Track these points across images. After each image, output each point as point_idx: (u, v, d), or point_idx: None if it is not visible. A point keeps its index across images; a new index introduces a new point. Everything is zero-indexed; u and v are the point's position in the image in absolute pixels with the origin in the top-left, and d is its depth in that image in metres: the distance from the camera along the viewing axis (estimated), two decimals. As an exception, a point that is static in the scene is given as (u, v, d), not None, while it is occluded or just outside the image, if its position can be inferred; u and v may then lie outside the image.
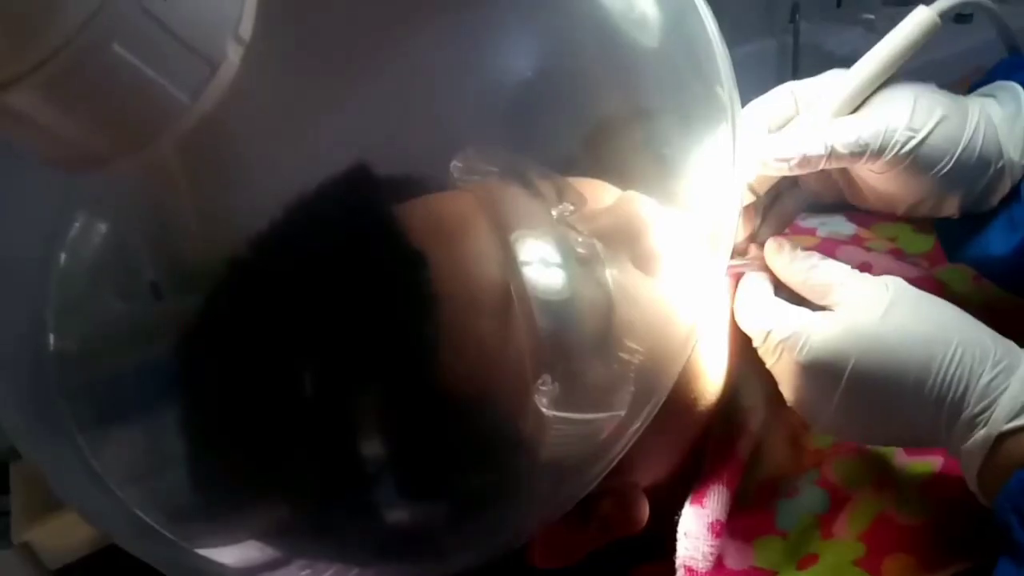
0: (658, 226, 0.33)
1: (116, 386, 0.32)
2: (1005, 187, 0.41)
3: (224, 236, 0.31)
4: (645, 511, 0.38)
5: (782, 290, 0.40)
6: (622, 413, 0.31)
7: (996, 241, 0.42)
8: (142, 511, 0.32)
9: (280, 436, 0.31)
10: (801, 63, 1.04)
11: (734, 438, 0.42)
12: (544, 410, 0.30)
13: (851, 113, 0.40)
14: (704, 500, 0.40)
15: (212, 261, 0.31)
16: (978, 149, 0.39)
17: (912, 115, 0.38)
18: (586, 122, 0.34)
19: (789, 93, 0.42)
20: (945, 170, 0.39)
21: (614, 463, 0.33)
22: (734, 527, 0.41)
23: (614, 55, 0.34)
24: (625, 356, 0.32)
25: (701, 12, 0.35)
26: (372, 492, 0.32)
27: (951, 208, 0.42)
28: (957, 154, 0.39)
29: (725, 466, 0.41)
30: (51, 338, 0.32)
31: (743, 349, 0.40)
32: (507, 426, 0.31)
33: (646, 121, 0.35)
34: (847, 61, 0.41)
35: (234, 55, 0.21)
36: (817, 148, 0.39)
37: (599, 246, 0.32)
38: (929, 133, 0.38)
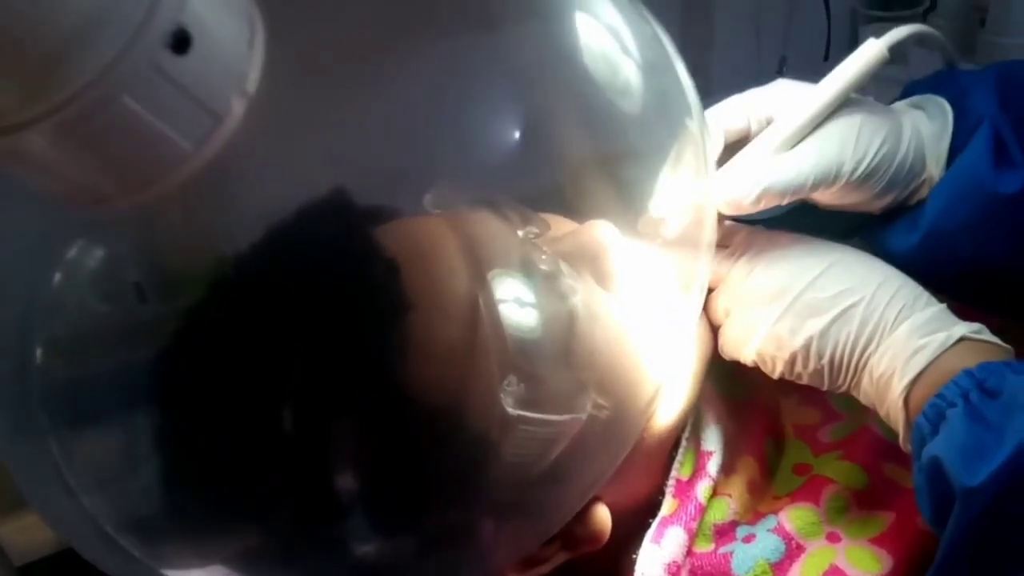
0: (619, 248, 0.35)
1: (93, 394, 0.33)
2: (923, 193, 0.44)
3: (206, 250, 0.32)
4: (606, 524, 0.39)
5: None
6: (583, 417, 0.33)
7: (897, 238, 0.45)
8: (110, 526, 0.33)
9: (254, 458, 0.32)
10: (786, 112, 1.06)
11: (693, 480, 0.44)
12: (509, 410, 0.31)
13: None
14: (661, 540, 0.41)
15: (194, 273, 0.32)
16: (908, 165, 0.43)
17: (857, 145, 0.41)
18: (559, 166, 0.35)
19: (740, 110, 0.44)
20: (879, 187, 0.42)
21: (586, 499, 0.34)
22: (692, 568, 0.42)
23: (594, 112, 0.36)
24: (599, 405, 0.33)
25: (681, 76, 0.37)
26: (344, 518, 0.32)
27: (874, 208, 0.45)
28: (891, 172, 0.42)
29: (683, 507, 0.43)
30: (35, 340, 0.33)
31: (702, 378, 0.42)
32: (477, 428, 0.32)
33: (619, 166, 0.36)
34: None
35: (238, 108, 0.22)
36: (748, 188, 0.40)
37: (562, 264, 0.34)
38: (873, 158, 0.41)
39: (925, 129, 0.44)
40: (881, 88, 0.46)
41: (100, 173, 0.21)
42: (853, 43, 1.21)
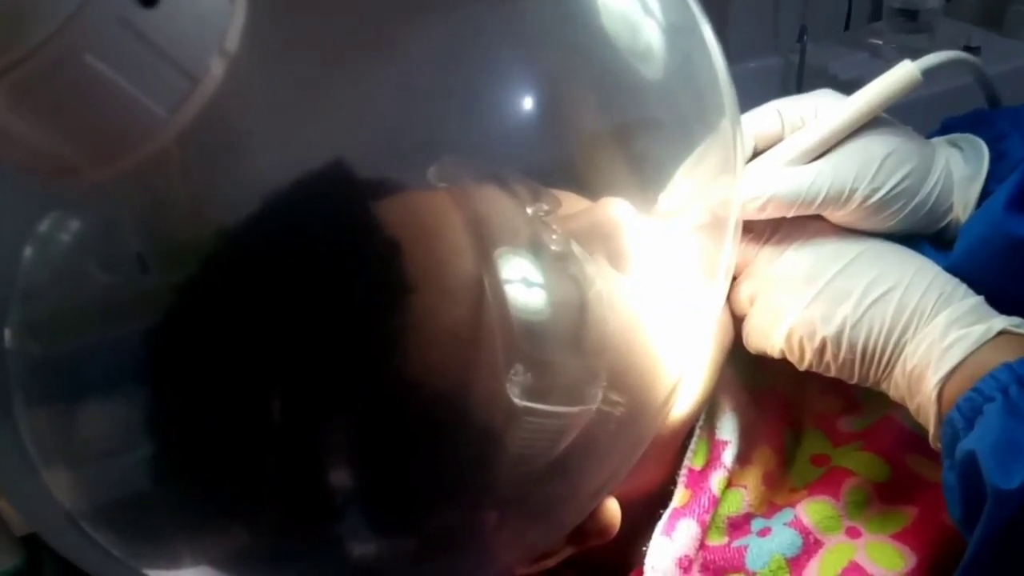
0: (636, 228, 0.34)
1: (73, 375, 0.31)
2: (949, 232, 0.43)
3: (198, 222, 0.30)
4: (615, 518, 0.38)
5: None
6: (593, 408, 0.31)
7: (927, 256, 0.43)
8: (88, 521, 0.31)
9: (244, 444, 0.30)
10: (805, 83, 1.04)
11: (707, 470, 0.42)
12: (516, 400, 0.30)
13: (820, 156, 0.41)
14: (672, 533, 0.40)
15: (185, 247, 0.30)
16: (929, 204, 0.41)
17: (877, 173, 0.39)
18: (572, 138, 0.34)
19: (775, 112, 0.42)
20: (896, 218, 0.41)
21: (599, 500, 0.33)
22: (704, 562, 0.41)
23: (613, 80, 0.34)
24: (612, 400, 0.31)
25: (707, 40, 0.35)
26: (340, 514, 0.31)
27: (891, 231, 0.43)
28: (910, 208, 0.41)
29: (696, 499, 0.41)
30: (11, 317, 0.31)
31: (720, 368, 0.41)
32: (480, 419, 0.31)
33: (638, 138, 0.35)
34: (850, 84, 0.42)
35: (217, 69, 0.20)
36: (756, 193, 0.39)
37: (574, 245, 0.33)
38: (891, 189, 0.40)
39: (958, 171, 0.43)
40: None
41: (64, 141, 0.19)
42: (876, 12, 1.17)
